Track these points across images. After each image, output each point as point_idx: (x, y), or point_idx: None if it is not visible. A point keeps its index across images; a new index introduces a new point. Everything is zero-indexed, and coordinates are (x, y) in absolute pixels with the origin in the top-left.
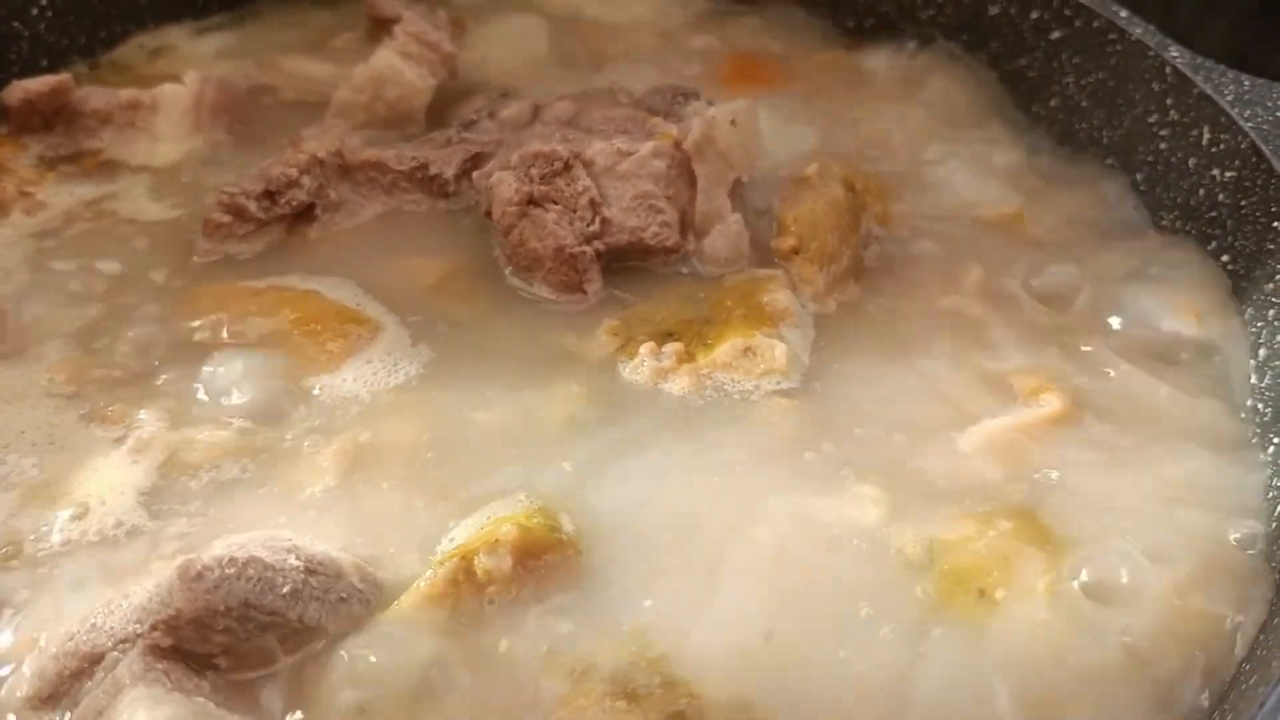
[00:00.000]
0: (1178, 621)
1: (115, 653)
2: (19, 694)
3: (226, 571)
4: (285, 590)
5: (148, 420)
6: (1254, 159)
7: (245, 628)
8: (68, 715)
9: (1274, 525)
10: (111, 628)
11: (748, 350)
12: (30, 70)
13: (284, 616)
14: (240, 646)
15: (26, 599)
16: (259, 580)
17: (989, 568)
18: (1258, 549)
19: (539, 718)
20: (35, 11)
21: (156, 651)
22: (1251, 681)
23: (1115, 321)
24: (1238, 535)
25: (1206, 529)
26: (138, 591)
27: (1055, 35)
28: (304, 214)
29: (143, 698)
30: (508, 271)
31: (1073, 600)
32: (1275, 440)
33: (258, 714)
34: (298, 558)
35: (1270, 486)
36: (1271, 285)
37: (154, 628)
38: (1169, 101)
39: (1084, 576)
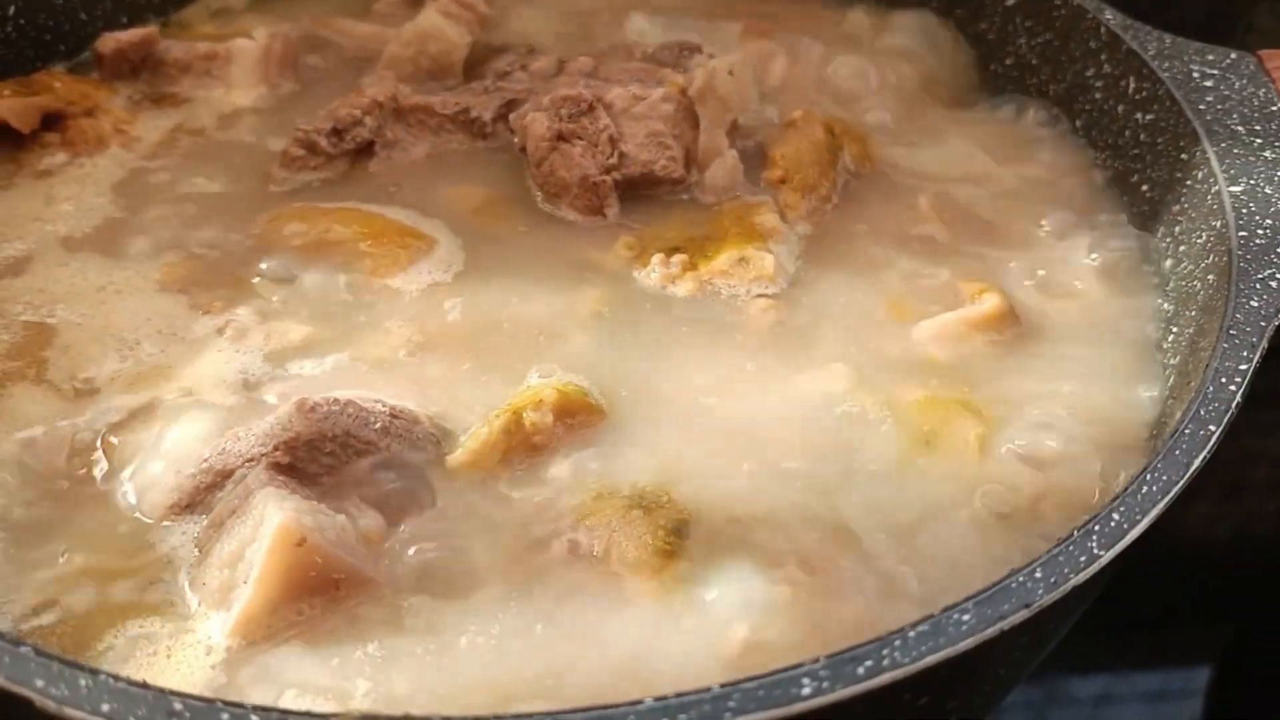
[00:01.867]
0: (1073, 476)
1: (242, 469)
2: (161, 504)
3: (333, 408)
4: (377, 426)
5: (245, 313)
6: (1168, 103)
7: (346, 452)
8: (203, 518)
9: (1166, 392)
10: (239, 450)
11: (742, 260)
12: (112, 25)
13: (375, 446)
14: (340, 468)
15: (161, 440)
16: (357, 417)
17: (933, 424)
18: (1148, 420)
19: (568, 523)
20: None
21: (277, 467)
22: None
23: (1051, 239)
24: (1134, 408)
25: (1108, 402)
26: (259, 424)
27: (1010, 2)
28: (365, 150)
29: (272, 495)
30: (539, 198)
31: (995, 451)
32: (1173, 330)
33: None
34: (384, 405)
35: (1166, 365)
36: (1178, 207)
37: (275, 448)
38: (1103, 57)
39: (1008, 435)
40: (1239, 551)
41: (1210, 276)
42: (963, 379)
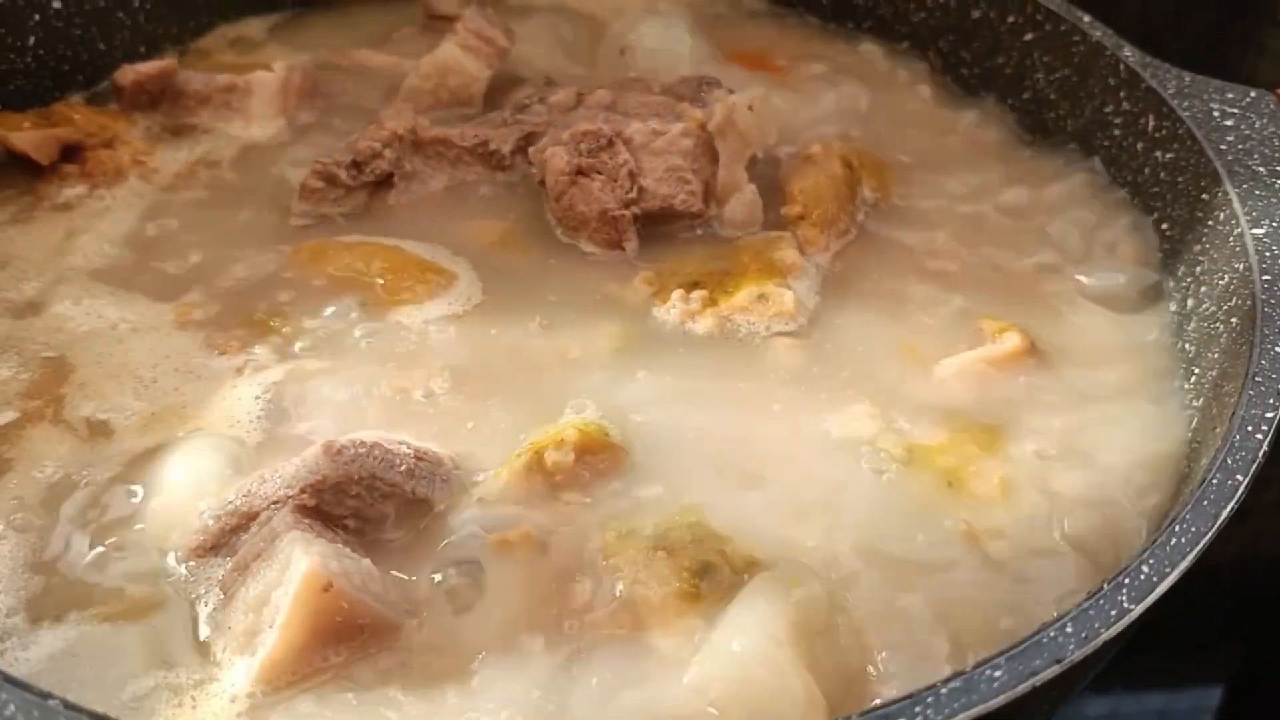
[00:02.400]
0: (1103, 511)
1: (268, 512)
2: (186, 546)
3: (359, 450)
4: (403, 469)
5: (263, 351)
6: (1189, 142)
7: (371, 495)
8: (228, 560)
9: (1189, 435)
10: (264, 492)
11: (762, 297)
12: (130, 56)
13: (401, 488)
14: (366, 510)
15: (182, 481)
16: (382, 459)
17: (956, 466)
18: (1171, 461)
19: (590, 566)
20: (137, 3)
21: (303, 510)
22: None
23: (1072, 274)
24: (1156, 449)
25: (1133, 441)
26: (285, 466)
27: (1028, 37)
28: (384, 182)
29: (299, 539)
30: (558, 231)
31: (1018, 493)
32: (1195, 371)
33: (380, 562)
34: (408, 447)
35: (1188, 406)
36: (1199, 246)
37: (302, 490)
38: (1122, 94)
39: (1030, 476)
40: (1251, 572)
41: (1233, 320)
42: (985, 419)
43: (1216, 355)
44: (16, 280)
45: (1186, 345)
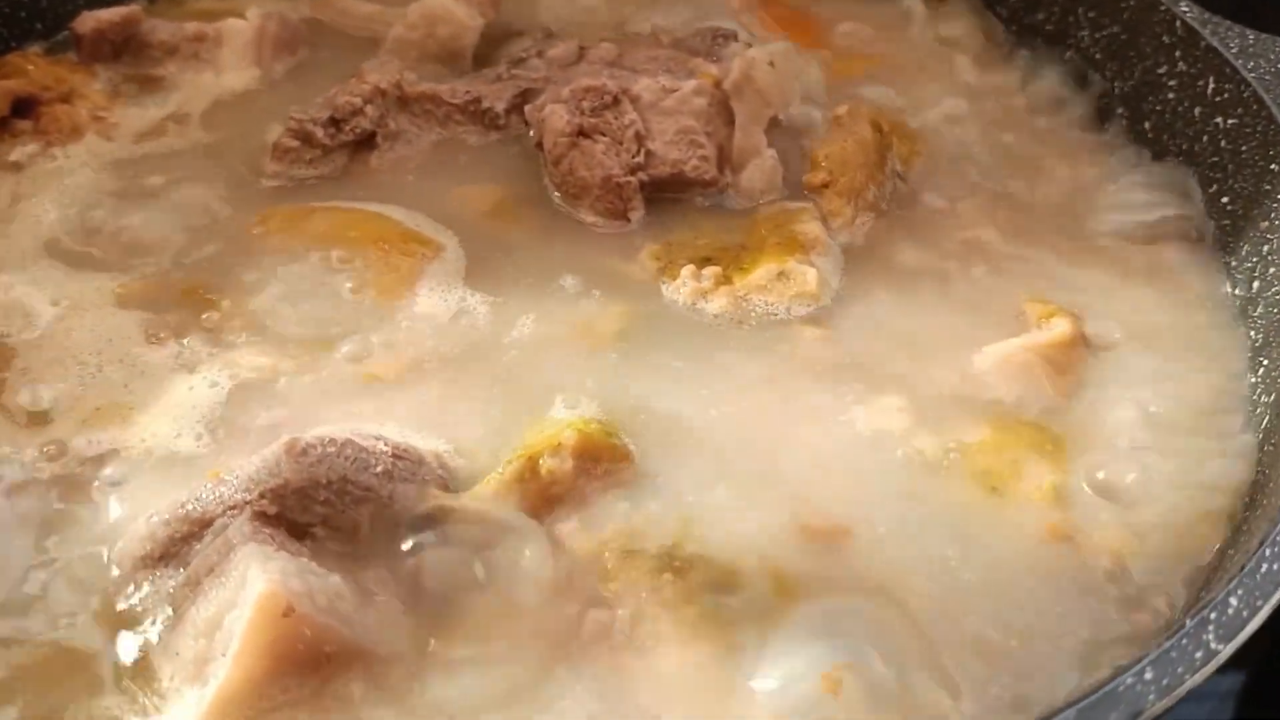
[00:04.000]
0: (1167, 519)
1: (224, 519)
2: (132, 554)
3: (328, 449)
4: (378, 470)
5: (225, 331)
6: (1255, 106)
7: (342, 500)
8: (180, 571)
9: (1259, 437)
10: (220, 495)
11: (781, 275)
12: (94, 3)
13: (376, 493)
14: (336, 518)
15: (131, 481)
16: (355, 459)
17: (1000, 468)
18: (1239, 462)
19: (593, 589)
20: None
21: (263, 518)
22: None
23: (1122, 251)
24: (1226, 446)
25: (1196, 441)
26: (244, 465)
27: None
28: (365, 142)
29: (255, 553)
30: (556, 198)
31: (1069, 498)
32: (1264, 362)
33: (350, 579)
34: (385, 444)
35: (1257, 403)
36: (1266, 223)
37: (262, 495)
38: (1178, 54)
39: (1081, 480)
40: None
41: None
42: (1031, 414)
43: None
44: None
45: (1253, 333)
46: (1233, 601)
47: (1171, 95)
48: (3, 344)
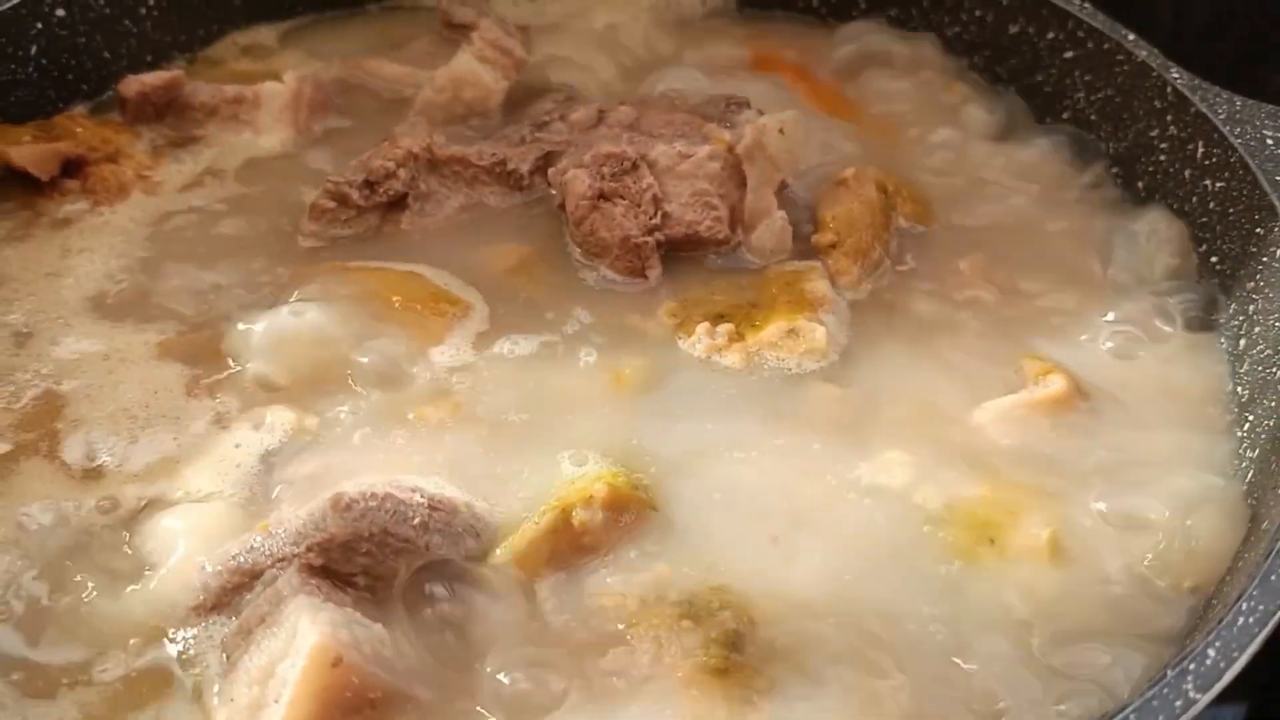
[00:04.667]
0: (1156, 571)
1: (273, 570)
2: (186, 604)
3: (369, 504)
4: (415, 522)
5: (263, 388)
6: (1241, 171)
7: (383, 552)
8: (231, 620)
9: (1244, 488)
10: (269, 549)
11: (791, 332)
12: (137, 65)
13: (414, 544)
14: (376, 568)
15: (181, 533)
16: (394, 512)
17: (998, 521)
18: (1226, 517)
19: (614, 634)
20: (143, 11)
21: (309, 569)
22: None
23: (1113, 314)
24: (1209, 502)
25: (1186, 496)
26: (291, 519)
27: (1068, 54)
28: (397, 203)
29: (305, 605)
30: (577, 257)
31: (1066, 551)
32: (1250, 418)
33: (390, 627)
34: (422, 496)
35: (1243, 458)
36: (1252, 284)
37: (309, 549)
38: (1169, 118)
39: (1078, 532)
40: None
41: None
42: (1028, 469)
43: (1274, 403)
44: (8, 302)
45: (1239, 389)
46: (1210, 653)
47: (1163, 158)
48: (54, 394)
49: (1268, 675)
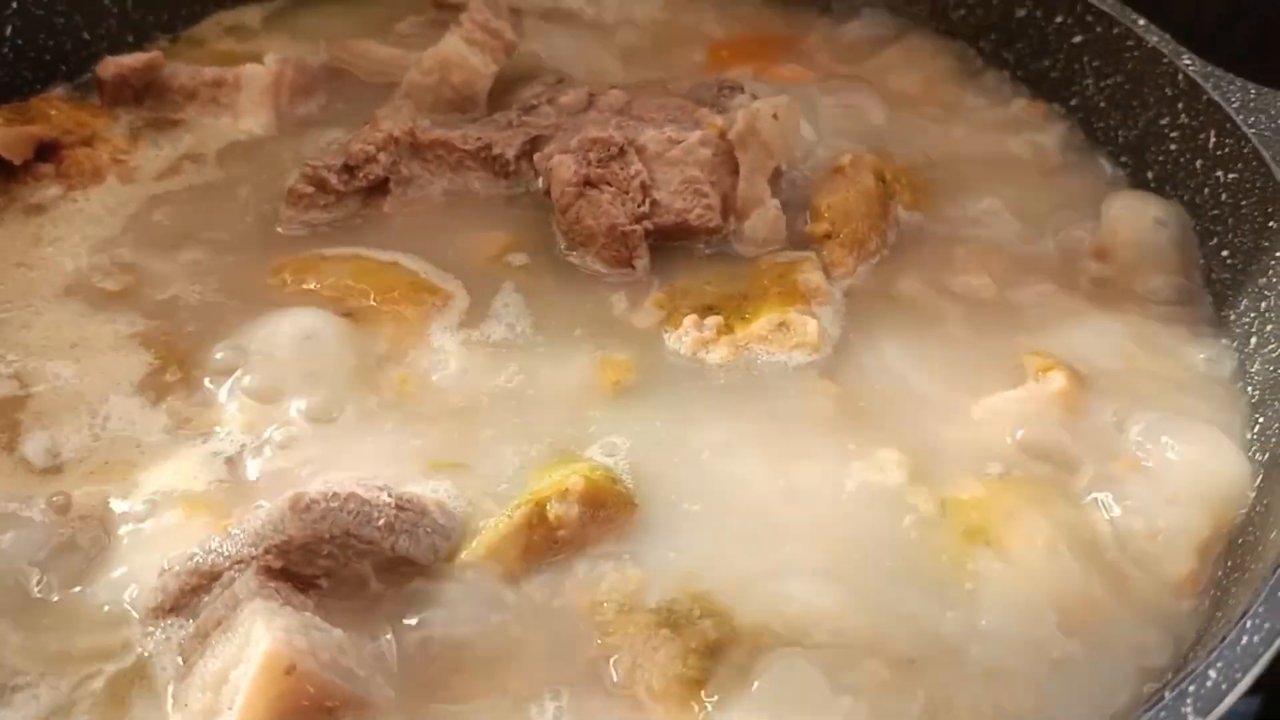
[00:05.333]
0: (1159, 578)
1: (231, 572)
2: (145, 605)
3: (331, 504)
4: (380, 523)
5: (233, 380)
6: (1255, 163)
7: (345, 554)
8: (189, 622)
9: (1253, 494)
10: (228, 550)
11: (782, 325)
12: (118, 46)
13: (379, 545)
14: (340, 571)
15: (141, 532)
16: (357, 513)
17: (995, 524)
18: (1233, 520)
19: (590, 643)
20: None
21: (269, 572)
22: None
23: (1123, 304)
24: (1217, 503)
25: (1191, 500)
26: (250, 519)
27: (1077, 39)
28: (378, 188)
29: (261, 609)
30: (563, 246)
31: (1063, 553)
32: (1260, 420)
33: (354, 630)
34: (389, 495)
35: (1253, 460)
36: (1264, 279)
37: (267, 551)
38: (1180, 106)
39: (1076, 534)
40: None
41: None
42: (1027, 468)
43: None
44: None
45: (1250, 389)
46: (1211, 674)
47: (1174, 147)
48: (19, 385)
49: None
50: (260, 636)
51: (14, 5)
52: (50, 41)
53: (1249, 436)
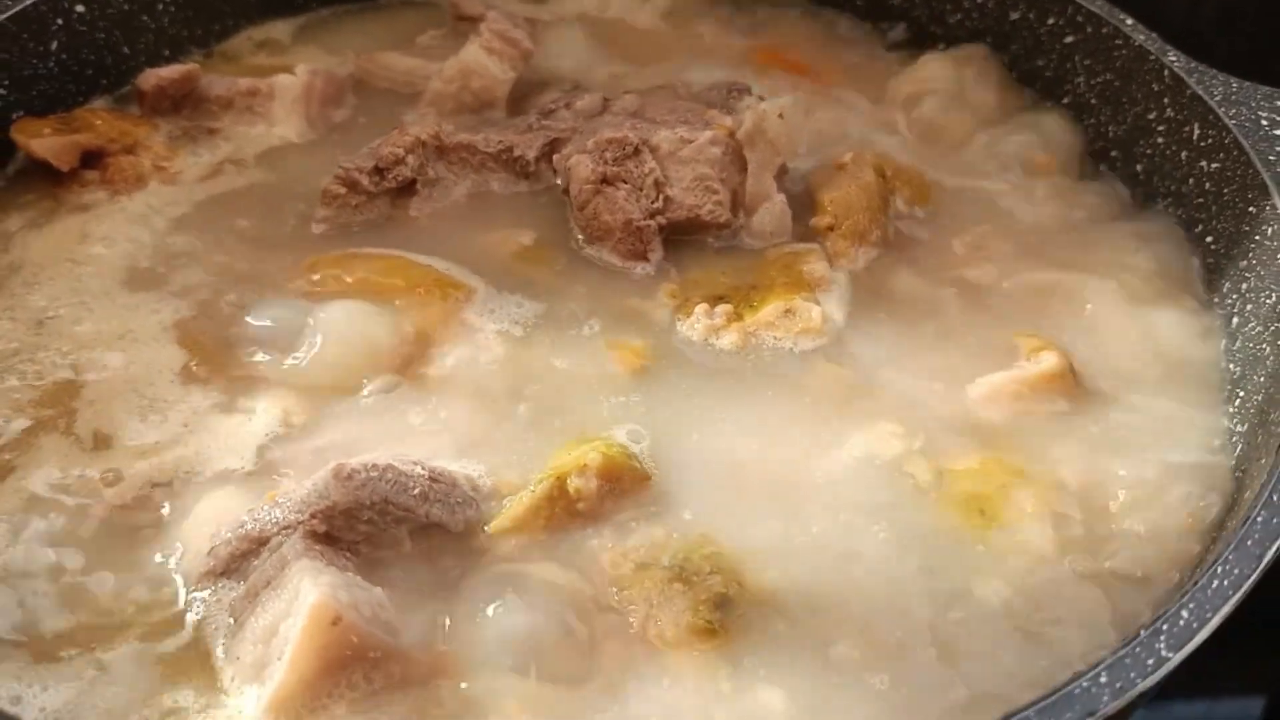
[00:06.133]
0: (1144, 543)
1: (279, 537)
2: (197, 570)
3: (370, 474)
4: (415, 492)
5: (272, 367)
6: (1235, 152)
7: (384, 520)
8: (240, 584)
9: (1232, 464)
10: (275, 517)
11: (788, 312)
12: (154, 59)
13: (414, 513)
14: (378, 536)
15: (192, 505)
16: (395, 483)
17: (989, 493)
18: (1214, 491)
19: (608, 596)
20: (161, 6)
21: (313, 536)
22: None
23: (1108, 290)
24: (1199, 476)
25: (1176, 470)
26: (296, 489)
27: (1069, 40)
28: (406, 189)
29: (307, 568)
30: (580, 240)
31: (1051, 523)
32: (1240, 394)
33: (391, 590)
34: (423, 469)
35: (1232, 432)
36: (1245, 262)
37: (313, 516)
38: (1166, 101)
39: (1065, 506)
40: None
41: None
42: (1019, 444)
43: (1263, 379)
44: (30, 286)
45: (1232, 366)
46: (1183, 614)
47: (1160, 140)
48: (73, 373)
49: None
50: (308, 591)
51: (59, 22)
52: (92, 56)
53: (1231, 410)
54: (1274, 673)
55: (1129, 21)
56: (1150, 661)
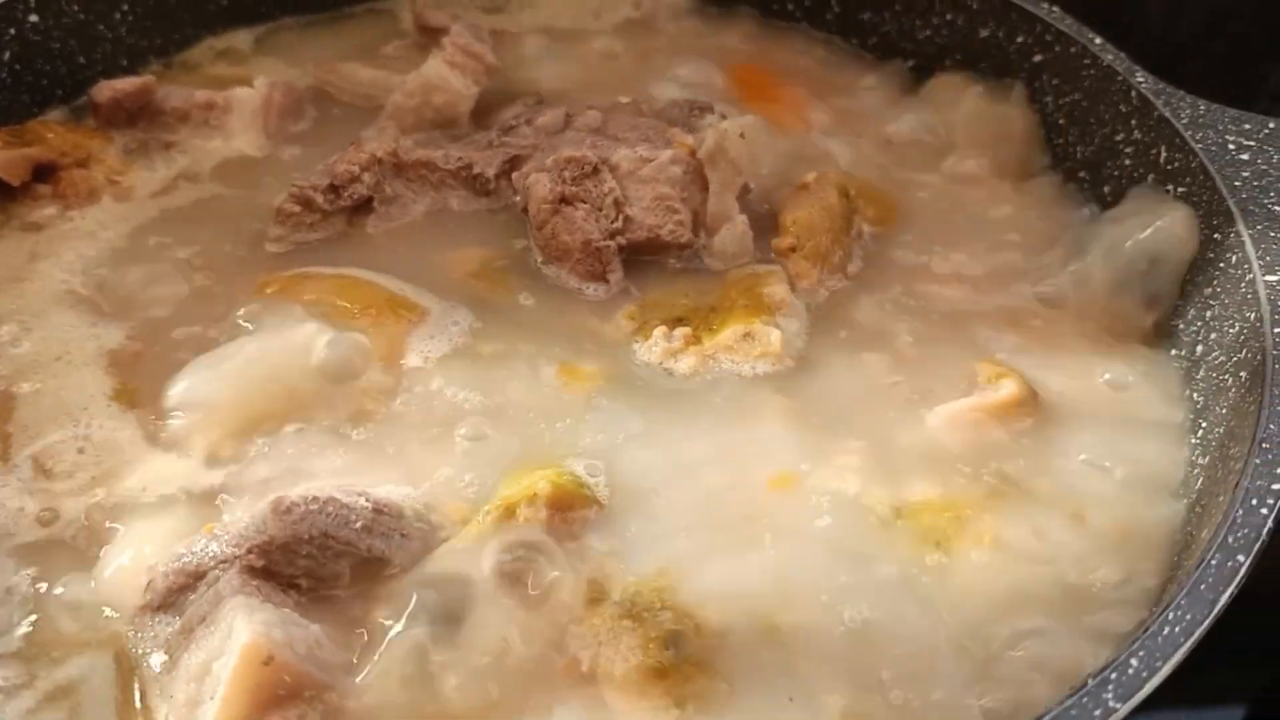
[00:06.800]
0: (1103, 577)
1: (216, 571)
2: (134, 603)
3: (310, 507)
4: (358, 525)
5: (218, 387)
6: (1201, 176)
7: (324, 554)
8: (176, 619)
9: (1193, 496)
10: (213, 551)
11: (748, 336)
12: (112, 69)
13: (356, 547)
14: (318, 570)
15: (127, 536)
16: (336, 515)
17: (945, 525)
18: (1177, 515)
19: (556, 632)
20: (118, 16)
21: (251, 571)
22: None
23: (1075, 315)
24: (1160, 503)
25: (1135, 502)
26: (234, 522)
27: (1037, 58)
28: (363, 207)
29: (242, 605)
30: (539, 261)
31: (1010, 555)
32: (1203, 425)
33: (332, 625)
34: (367, 500)
35: (1194, 464)
36: (1209, 290)
37: (249, 550)
38: (1134, 122)
39: (1023, 532)
40: (1275, 589)
41: (1243, 374)
42: (978, 472)
43: (1224, 410)
44: None
45: (1195, 395)
46: (1133, 663)
47: (1128, 162)
48: (8, 396)
49: (1267, 679)
50: (240, 630)
51: (12, 32)
52: (47, 66)
53: (1193, 441)
54: (1255, 681)
55: (1098, 41)
56: (1097, 713)
